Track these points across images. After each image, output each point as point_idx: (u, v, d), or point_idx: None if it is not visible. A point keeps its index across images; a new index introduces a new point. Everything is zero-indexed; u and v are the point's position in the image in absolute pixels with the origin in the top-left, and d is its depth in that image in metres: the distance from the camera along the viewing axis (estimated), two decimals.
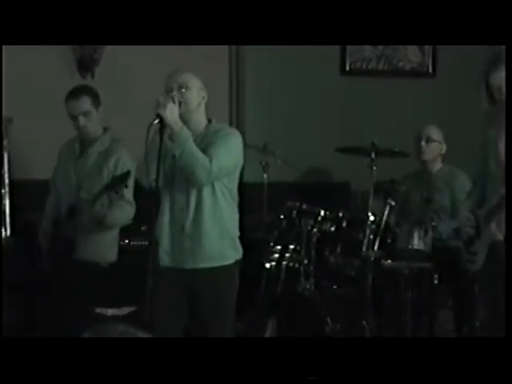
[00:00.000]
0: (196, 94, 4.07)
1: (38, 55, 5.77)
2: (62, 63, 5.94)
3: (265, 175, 5.58)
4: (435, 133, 5.58)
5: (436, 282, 5.23)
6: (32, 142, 5.87)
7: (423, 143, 5.55)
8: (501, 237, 4.14)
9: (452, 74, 6.69)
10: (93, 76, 6.00)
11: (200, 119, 4.12)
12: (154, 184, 3.82)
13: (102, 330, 2.09)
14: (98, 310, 5.42)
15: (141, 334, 2.10)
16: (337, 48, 6.63)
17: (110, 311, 5.41)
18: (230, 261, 4.17)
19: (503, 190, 4.09)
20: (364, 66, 6.74)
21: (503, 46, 4.17)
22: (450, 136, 5.65)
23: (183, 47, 5.59)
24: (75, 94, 4.78)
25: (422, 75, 6.82)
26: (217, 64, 6.28)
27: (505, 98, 4.10)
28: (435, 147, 5.58)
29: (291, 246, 5.29)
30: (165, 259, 4.09)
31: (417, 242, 5.16)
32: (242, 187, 5.08)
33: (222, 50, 6.37)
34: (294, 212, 5.32)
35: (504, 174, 4.08)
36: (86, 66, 5.98)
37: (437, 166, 5.62)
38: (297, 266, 5.25)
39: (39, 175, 5.76)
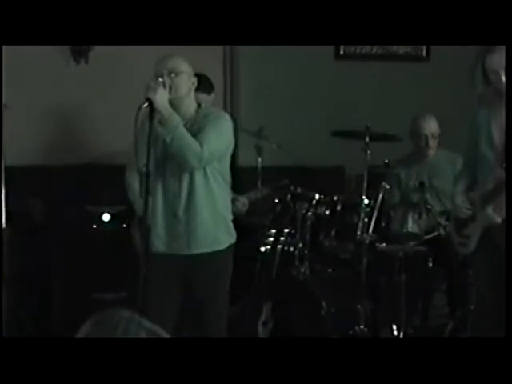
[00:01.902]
0: (187, 79, 4.06)
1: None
2: (55, 48, 5.86)
3: (259, 159, 5.58)
4: (437, 126, 5.59)
5: (430, 265, 5.23)
6: (26, 129, 5.85)
7: (430, 141, 5.55)
8: (499, 220, 4.15)
9: (445, 57, 6.63)
10: (86, 61, 5.98)
11: (190, 104, 4.11)
12: (144, 169, 3.80)
13: (108, 316, 2.06)
14: (94, 295, 5.48)
15: (145, 322, 2.07)
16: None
17: (107, 296, 5.45)
18: (223, 245, 4.19)
19: (501, 174, 4.09)
20: (358, 50, 6.71)
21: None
22: (443, 119, 5.65)
23: None
24: None
25: (415, 59, 6.79)
26: (211, 49, 6.21)
27: (499, 82, 4.09)
28: (437, 139, 5.61)
29: (286, 230, 5.30)
30: (159, 246, 4.09)
31: (411, 225, 5.16)
32: (237, 171, 5.10)
33: None
34: (289, 196, 5.32)
35: (500, 156, 4.09)
36: (79, 51, 5.94)
37: (433, 152, 5.63)
38: (292, 249, 5.26)
39: (34, 161, 5.82)
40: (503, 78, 4.08)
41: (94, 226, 5.58)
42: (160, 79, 3.95)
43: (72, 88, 5.94)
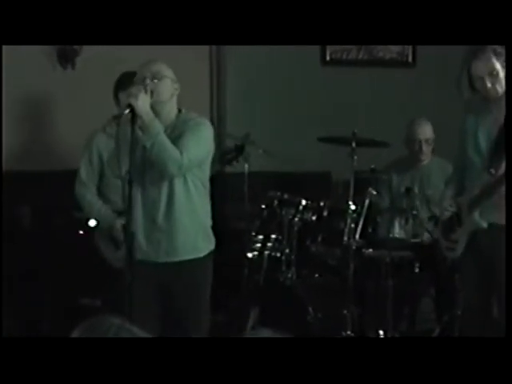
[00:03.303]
0: (169, 84, 4.05)
1: (20, 47, 5.53)
2: (42, 54, 5.91)
3: (246, 165, 5.56)
4: (432, 132, 5.61)
5: (417, 270, 5.25)
6: (13, 135, 5.86)
7: (424, 146, 5.57)
8: (485, 225, 4.18)
9: (431, 63, 6.72)
10: (73, 67, 6.00)
11: (171, 110, 4.09)
12: (127, 177, 3.80)
13: (98, 323, 2.08)
14: (82, 301, 5.48)
15: (135, 329, 2.10)
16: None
17: (93, 302, 5.45)
18: (203, 253, 4.17)
19: (487, 179, 4.13)
20: (344, 56, 6.76)
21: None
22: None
23: None
24: None
25: (401, 65, 6.86)
26: (198, 54, 6.27)
27: (490, 89, 4.13)
28: (432, 145, 5.63)
29: (273, 236, 5.31)
30: (139, 252, 4.04)
31: (398, 231, 5.20)
32: (224, 177, 5.12)
33: None
34: (276, 202, 5.33)
35: (487, 162, 4.13)
36: (66, 56, 5.96)
37: (428, 158, 5.65)
38: (278, 255, 5.28)
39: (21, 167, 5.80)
40: (488, 85, 4.12)
41: (81, 232, 5.58)
42: (142, 83, 3.94)
43: (59, 93, 5.95)
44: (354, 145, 5.24)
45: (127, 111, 3.84)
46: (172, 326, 4.15)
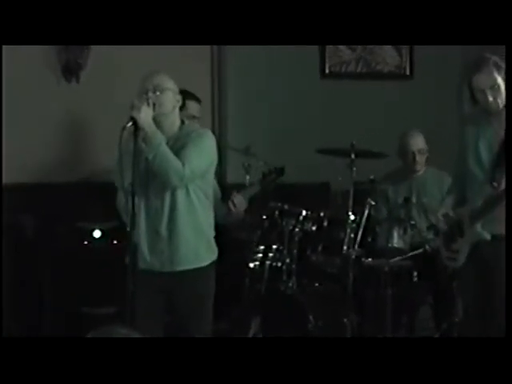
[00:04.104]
0: (171, 96, 4.06)
1: (24, 60, 5.78)
2: (47, 68, 5.94)
3: (247, 176, 5.56)
4: (424, 142, 5.65)
5: (415, 279, 5.28)
6: (19, 147, 5.87)
7: (418, 157, 5.62)
8: (488, 237, 4.22)
9: (428, 76, 6.74)
10: (78, 80, 6.00)
11: (174, 122, 4.10)
12: (130, 188, 3.83)
13: (106, 332, 2.09)
14: (84, 310, 5.52)
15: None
16: (316, 52, 6.67)
17: (96, 311, 5.48)
18: (205, 262, 4.17)
19: (489, 191, 4.17)
20: (343, 69, 6.78)
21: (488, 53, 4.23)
22: (427, 136, 5.70)
23: (168, 51, 5.62)
24: None
25: (399, 77, 6.87)
26: (199, 66, 6.30)
27: (491, 103, 4.16)
28: (425, 155, 5.67)
29: (274, 246, 5.33)
30: (142, 262, 4.06)
31: (396, 241, 5.23)
32: (225, 188, 5.13)
33: (205, 53, 6.38)
34: (277, 212, 5.35)
35: (489, 175, 4.17)
36: (70, 70, 5.96)
37: (422, 168, 5.70)
38: (279, 264, 5.29)
39: (26, 179, 5.83)
40: (490, 98, 4.15)
41: (85, 243, 5.63)
42: (144, 96, 3.96)
43: (63, 107, 5.96)
44: (352, 156, 5.28)
45: (130, 123, 3.87)
46: (175, 334, 4.16)
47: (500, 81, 4.16)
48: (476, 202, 4.26)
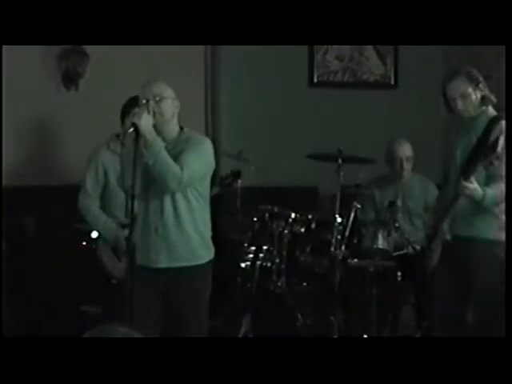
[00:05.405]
0: (171, 104, 4.12)
1: (24, 68, 5.83)
2: (47, 76, 5.99)
3: (239, 180, 5.65)
4: (411, 150, 5.78)
5: (399, 279, 5.38)
6: (20, 152, 5.96)
7: (405, 164, 5.75)
8: (448, 237, 4.38)
9: (412, 85, 6.85)
10: (77, 88, 6.07)
11: (173, 128, 4.15)
12: (130, 190, 3.91)
13: (105, 331, 2.09)
14: (83, 308, 5.62)
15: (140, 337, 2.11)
16: (305, 62, 6.78)
17: (94, 310, 5.57)
18: (203, 260, 4.21)
19: (452, 193, 4.30)
20: (331, 79, 6.88)
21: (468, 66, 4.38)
22: (411, 143, 5.82)
23: (163, 59, 5.72)
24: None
25: (384, 86, 6.98)
26: (193, 74, 6.36)
27: (461, 110, 4.32)
28: (411, 162, 5.82)
29: (264, 247, 5.44)
30: (140, 259, 4.10)
31: (381, 242, 5.35)
32: (219, 192, 5.25)
33: (198, 59, 6.45)
34: (267, 215, 5.47)
35: (458, 179, 4.26)
36: (70, 78, 6.02)
37: (409, 174, 5.83)
38: (269, 265, 5.39)
39: (27, 182, 5.91)
40: (459, 106, 4.30)
41: (84, 243, 5.72)
42: (144, 101, 4.04)
43: (63, 114, 6.01)
44: (340, 161, 5.38)
45: (131, 130, 3.95)
46: (171, 330, 4.20)
47: (470, 90, 4.28)
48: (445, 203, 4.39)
